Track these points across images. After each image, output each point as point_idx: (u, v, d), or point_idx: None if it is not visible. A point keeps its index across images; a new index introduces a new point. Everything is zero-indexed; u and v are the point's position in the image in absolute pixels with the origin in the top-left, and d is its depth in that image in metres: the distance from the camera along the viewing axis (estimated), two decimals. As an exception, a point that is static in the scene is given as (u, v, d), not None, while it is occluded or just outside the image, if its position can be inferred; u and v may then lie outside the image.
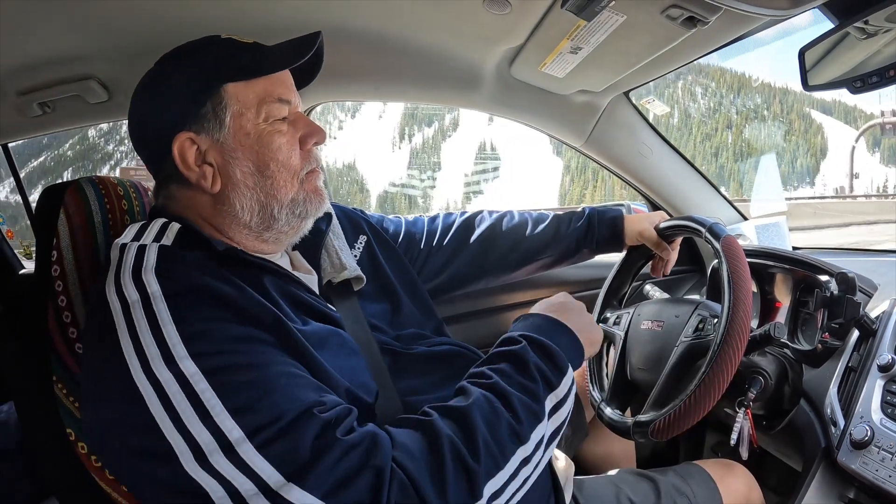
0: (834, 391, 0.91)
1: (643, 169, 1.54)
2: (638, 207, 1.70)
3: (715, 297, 1.22)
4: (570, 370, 0.69)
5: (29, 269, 1.77)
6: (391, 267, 0.96)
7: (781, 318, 1.18)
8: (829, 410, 0.90)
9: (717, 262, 0.90)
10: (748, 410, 0.90)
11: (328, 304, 0.77)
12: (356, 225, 0.98)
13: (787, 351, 1.00)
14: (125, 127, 0.80)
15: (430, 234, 1.12)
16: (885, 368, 0.86)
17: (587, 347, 0.76)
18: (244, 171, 0.70)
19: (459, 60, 1.17)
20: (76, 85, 1.08)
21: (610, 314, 1.13)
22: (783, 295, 1.21)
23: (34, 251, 0.77)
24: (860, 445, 0.81)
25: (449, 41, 1.10)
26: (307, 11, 0.97)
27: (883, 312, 0.95)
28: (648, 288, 1.26)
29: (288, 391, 0.55)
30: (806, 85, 0.94)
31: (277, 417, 0.52)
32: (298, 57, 0.71)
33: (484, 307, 1.57)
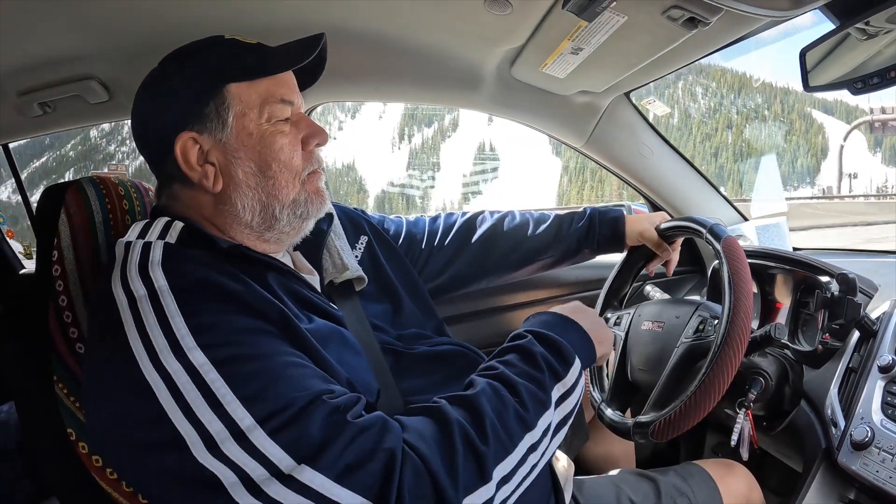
0: (834, 392, 0.91)
1: (644, 169, 1.54)
2: (638, 208, 1.70)
3: (715, 297, 1.22)
4: (577, 361, 0.70)
5: (29, 268, 1.77)
6: (392, 267, 0.95)
7: (782, 318, 1.18)
8: (829, 411, 0.90)
9: (717, 262, 0.90)
10: (749, 411, 0.90)
11: (331, 303, 0.77)
12: (357, 225, 0.98)
13: (787, 352, 1.00)
14: (127, 128, 0.80)
15: (431, 234, 1.12)
16: (885, 369, 0.86)
17: (598, 345, 0.77)
18: (246, 171, 0.70)
19: (460, 61, 1.17)
20: (76, 85, 1.08)
21: (610, 315, 1.13)
22: (784, 296, 1.21)
23: (34, 251, 0.77)
24: (860, 446, 0.81)
25: (449, 41, 1.10)
26: (307, 12, 0.97)
27: (883, 313, 0.95)
28: (649, 288, 1.26)
29: (297, 380, 0.56)
30: (807, 86, 0.94)
31: (288, 405, 0.53)
32: (302, 58, 0.71)
33: (485, 307, 1.57)
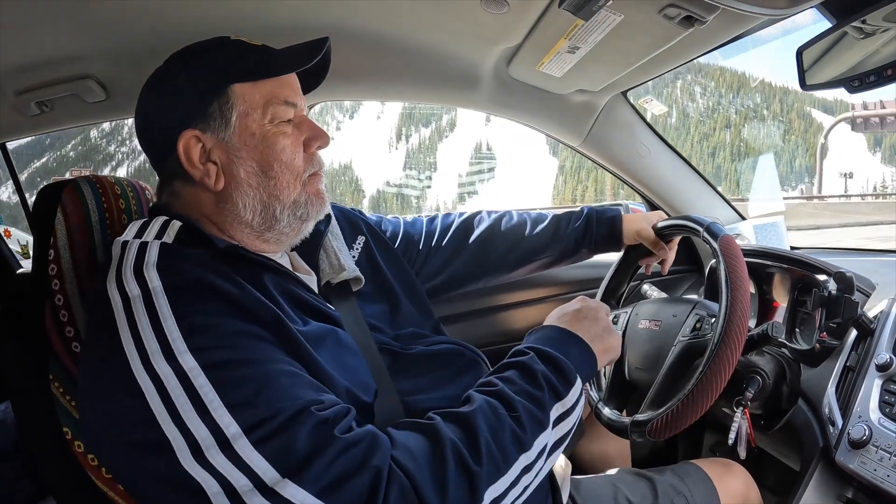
0: (832, 391, 0.91)
1: (641, 168, 1.54)
2: (636, 207, 1.70)
3: (713, 296, 1.22)
4: (578, 381, 0.69)
5: (26, 268, 1.76)
6: (389, 267, 0.95)
7: (779, 317, 1.18)
8: (827, 410, 0.90)
9: (714, 261, 0.90)
10: (746, 410, 0.90)
11: (328, 304, 0.77)
12: (355, 226, 0.98)
13: (784, 350, 1.00)
14: (126, 128, 0.80)
15: (428, 234, 1.12)
16: (883, 368, 0.86)
17: (601, 356, 0.76)
18: (248, 170, 0.70)
19: (457, 60, 1.17)
20: (74, 84, 1.08)
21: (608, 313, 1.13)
22: (781, 294, 1.21)
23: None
24: (858, 445, 0.81)
25: (447, 41, 1.10)
26: (306, 12, 0.97)
27: (881, 312, 0.95)
28: (646, 287, 1.26)
29: (286, 388, 0.55)
30: (804, 84, 0.94)
31: (275, 414, 0.53)
32: (306, 61, 0.72)
33: (482, 306, 1.57)
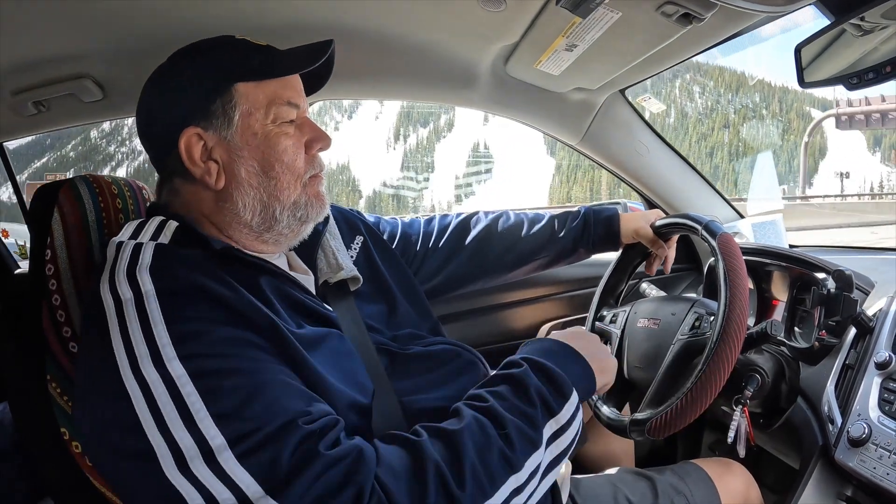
0: (831, 389, 0.91)
1: (639, 167, 1.54)
2: (634, 206, 1.70)
3: (711, 294, 1.22)
4: (574, 395, 0.67)
5: (24, 268, 1.76)
6: (387, 268, 0.95)
7: (778, 315, 1.18)
8: (826, 408, 0.90)
9: (713, 259, 0.90)
10: (745, 408, 0.90)
11: (325, 304, 0.77)
12: (353, 226, 0.98)
13: (783, 349, 1.00)
14: (126, 129, 0.80)
15: (426, 235, 1.11)
16: (882, 366, 0.86)
17: (599, 375, 0.74)
18: (249, 170, 0.70)
19: (455, 58, 1.17)
20: (71, 84, 1.08)
21: (606, 312, 1.13)
22: (780, 293, 1.21)
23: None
24: (857, 443, 0.81)
25: (444, 39, 1.10)
26: (303, 11, 0.96)
27: (880, 310, 0.95)
28: (645, 286, 1.26)
29: (274, 399, 0.54)
30: (802, 82, 0.94)
31: (260, 426, 0.52)
32: (311, 62, 0.72)
33: (480, 306, 1.57)
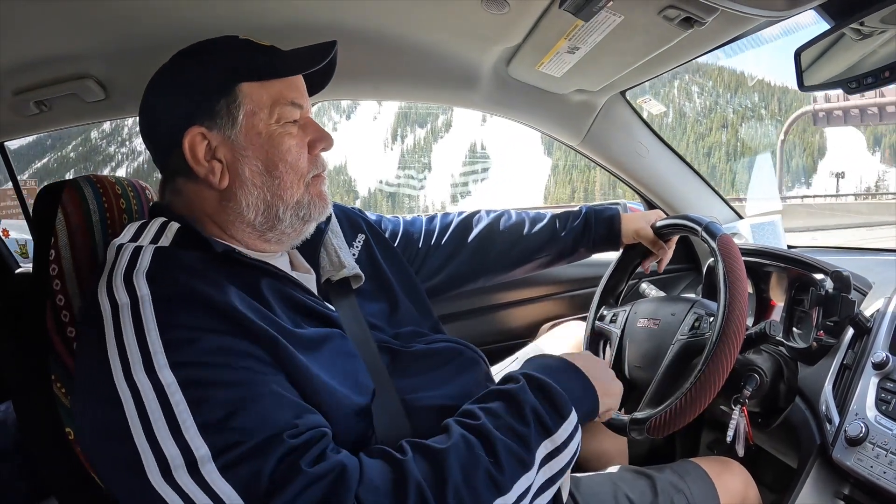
0: (829, 388, 0.92)
1: (640, 168, 1.54)
2: (634, 206, 1.71)
3: (711, 295, 1.23)
4: (573, 415, 0.65)
5: (25, 268, 1.76)
6: (389, 266, 0.95)
7: (777, 316, 1.19)
8: (824, 408, 0.90)
9: (713, 260, 0.90)
10: (744, 408, 0.91)
11: (327, 303, 0.77)
12: (355, 224, 0.98)
13: (782, 349, 1.01)
14: (126, 129, 0.80)
15: (428, 233, 1.12)
16: (879, 366, 0.86)
17: (604, 397, 0.72)
18: (253, 169, 0.70)
19: (457, 59, 1.17)
20: (73, 84, 1.08)
21: (606, 312, 1.14)
22: (778, 293, 1.22)
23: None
24: (855, 442, 0.82)
25: (447, 40, 1.10)
26: (304, 11, 0.97)
27: (877, 311, 0.96)
28: (645, 286, 1.27)
29: (262, 411, 0.54)
30: (802, 85, 0.94)
31: (245, 439, 0.52)
32: (316, 62, 0.72)
33: (481, 305, 1.58)
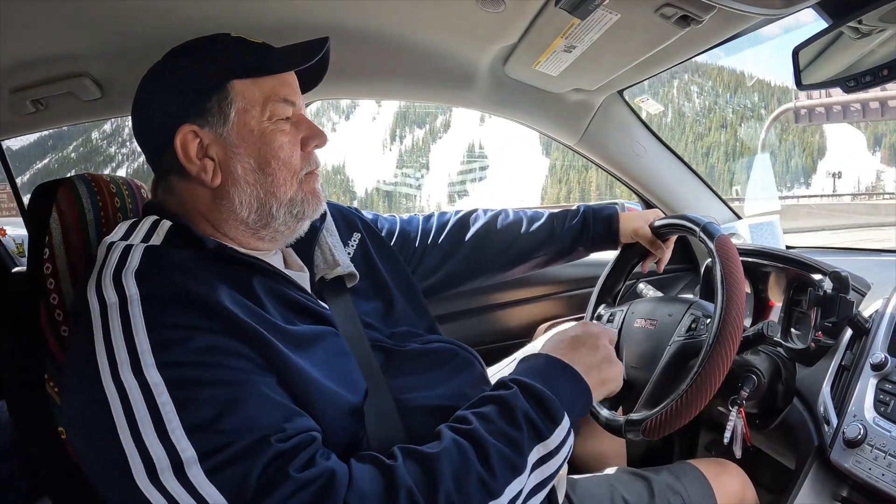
0: (827, 390, 0.91)
1: (638, 168, 1.54)
2: (632, 206, 1.71)
3: (708, 296, 1.22)
4: (565, 420, 0.64)
5: (22, 266, 1.76)
6: (385, 265, 0.95)
7: (775, 316, 1.18)
8: (822, 409, 0.90)
9: (710, 261, 0.90)
10: (741, 409, 0.90)
11: (320, 301, 0.77)
12: (350, 223, 0.98)
13: (780, 349, 1.00)
14: (127, 130, 0.79)
15: (424, 232, 1.11)
16: (877, 367, 0.86)
17: (597, 389, 0.71)
18: (245, 167, 0.70)
19: (454, 59, 1.17)
20: (69, 82, 1.08)
21: (604, 312, 1.13)
22: (776, 294, 1.21)
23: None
24: (853, 444, 0.81)
25: (444, 39, 1.10)
26: (302, 11, 0.96)
27: (876, 311, 0.95)
28: (642, 286, 1.27)
29: (250, 413, 0.54)
30: (800, 84, 0.94)
31: (233, 441, 0.51)
32: (307, 59, 0.72)
33: (478, 305, 1.58)
